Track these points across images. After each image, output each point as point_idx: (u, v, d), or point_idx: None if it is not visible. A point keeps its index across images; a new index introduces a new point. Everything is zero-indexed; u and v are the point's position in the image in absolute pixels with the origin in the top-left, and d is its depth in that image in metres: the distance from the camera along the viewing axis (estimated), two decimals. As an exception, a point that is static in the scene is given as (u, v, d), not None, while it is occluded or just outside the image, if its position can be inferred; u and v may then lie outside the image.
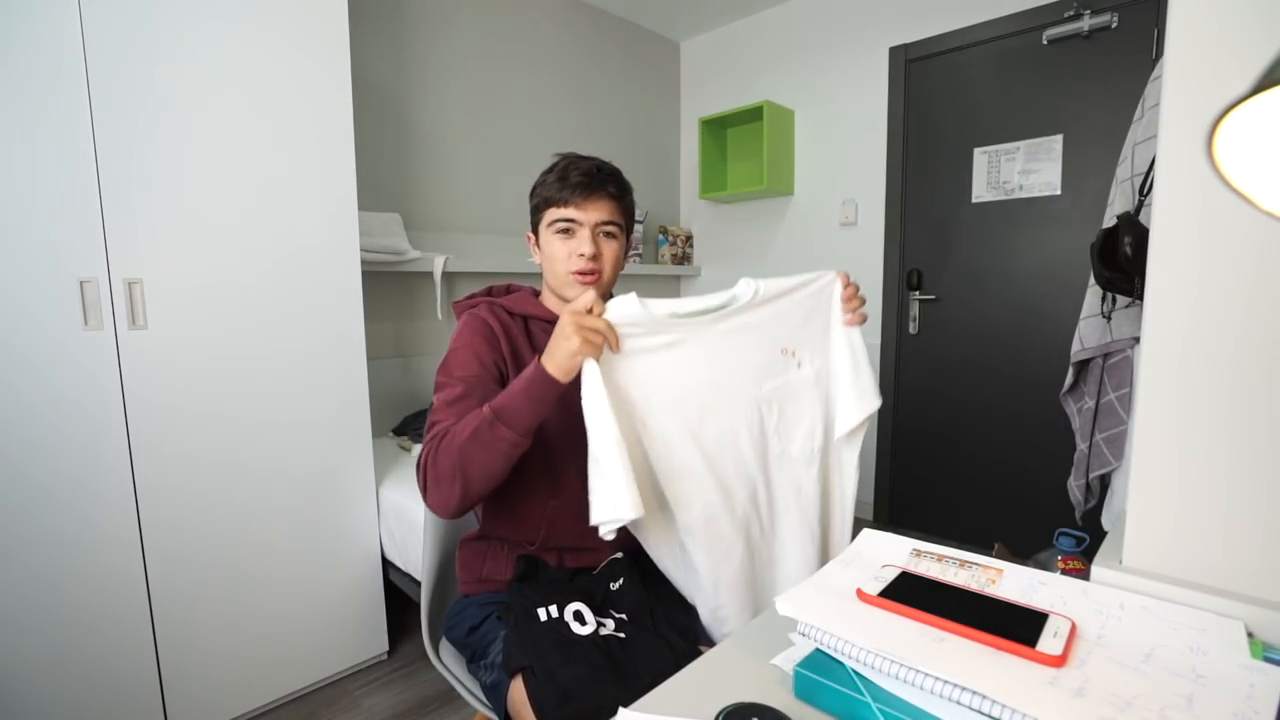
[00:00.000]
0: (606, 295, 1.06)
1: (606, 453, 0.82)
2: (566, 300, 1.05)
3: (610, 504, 0.82)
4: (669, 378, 0.91)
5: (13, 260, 1.20)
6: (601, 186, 1.02)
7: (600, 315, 0.85)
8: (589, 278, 1.02)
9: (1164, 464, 0.61)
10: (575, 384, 0.86)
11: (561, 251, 1.03)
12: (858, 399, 0.99)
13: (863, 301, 1.00)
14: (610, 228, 1.04)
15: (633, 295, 0.87)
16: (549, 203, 1.03)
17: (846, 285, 1.00)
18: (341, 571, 1.70)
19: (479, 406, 0.91)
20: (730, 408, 0.94)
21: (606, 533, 0.84)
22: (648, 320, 0.88)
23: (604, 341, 0.85)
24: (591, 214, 1.01)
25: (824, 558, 1.04)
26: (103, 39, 1.26)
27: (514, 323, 1.07)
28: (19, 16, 1.18)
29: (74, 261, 1.27)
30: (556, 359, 0.84)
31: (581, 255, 1.01)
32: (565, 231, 1.02)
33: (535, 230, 1.08)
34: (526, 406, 0.87)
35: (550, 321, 1.06)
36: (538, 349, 1.04)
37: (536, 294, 1.13)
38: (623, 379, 0.88)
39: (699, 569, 0.94)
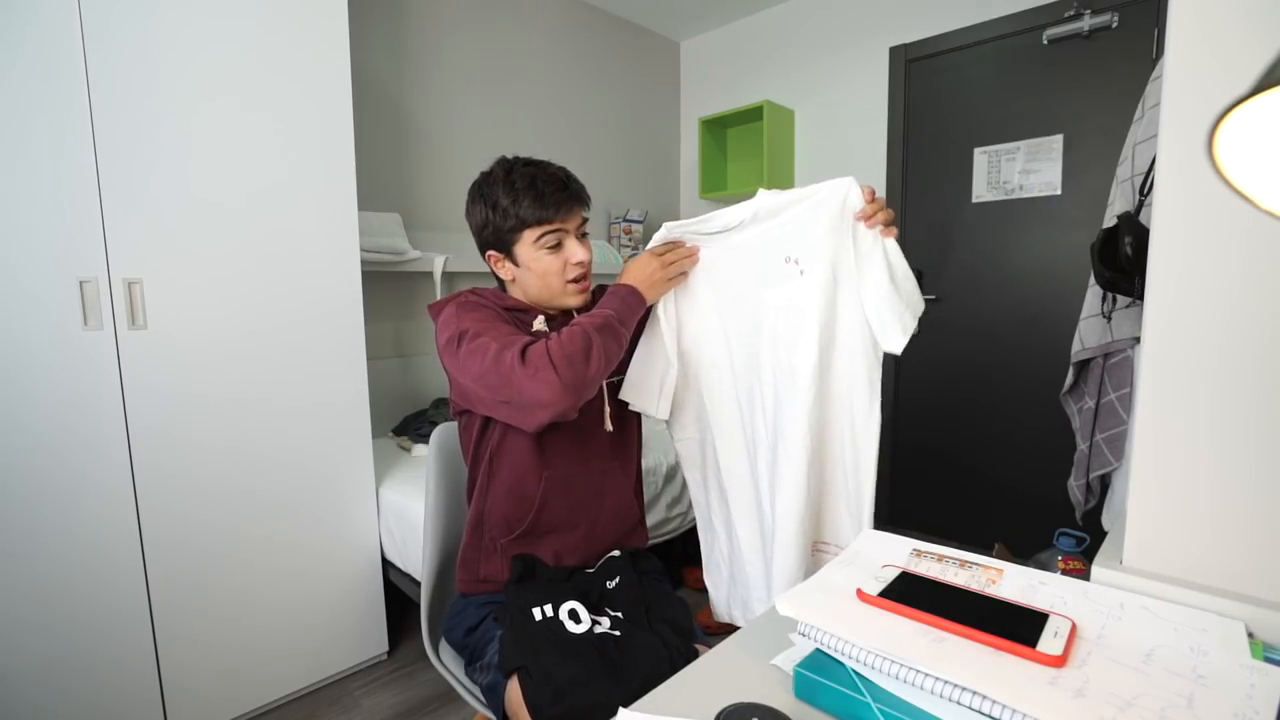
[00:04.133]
0: (592, 288, 1.11)
1: (661, 356, 1.06)
2: (562, 308, 1.08)
3: (643, 396, 1.08)
4: (702, 288, 1.06)
5: (13, 260, 1.20)
6: (577, 196, 1.04)
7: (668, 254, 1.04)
8: (585, 283, 1.07)
9: (1164, 464, 0.61)
10: None
11: (554, 265, 1.03)
12: (898, 317, 0.94)
13: (887, 210, 0.93)
14: (585, 228, 1.07)
15: (665, 227, 1.04)
16: (525, 223, 1.01)
17: (870, 196, 0.92)
18: (341, 571, 1.70)
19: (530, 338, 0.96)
20: (747, 313, 1.03)
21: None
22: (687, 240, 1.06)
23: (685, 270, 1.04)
24: (572, 222, 1.04)
25: (819, 489, 1.01)
26: (103, 39, 1.26)
27: (498, 309, 1.07)
28: (19, 17, 1.18)
29: (74, 261, 1.27)
30: (651, 287, 1.02)
31: (579, 263, 1.04)
32: (555, 246, 1.03)
33: (505, 250, 1.05)
34: (630, 318, 1.00)
35: (525, 311, 1.07)
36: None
37: (503, 289, 1.13)
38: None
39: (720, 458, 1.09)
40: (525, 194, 1.00)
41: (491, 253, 1.07)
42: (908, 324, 0.94)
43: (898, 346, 0.94)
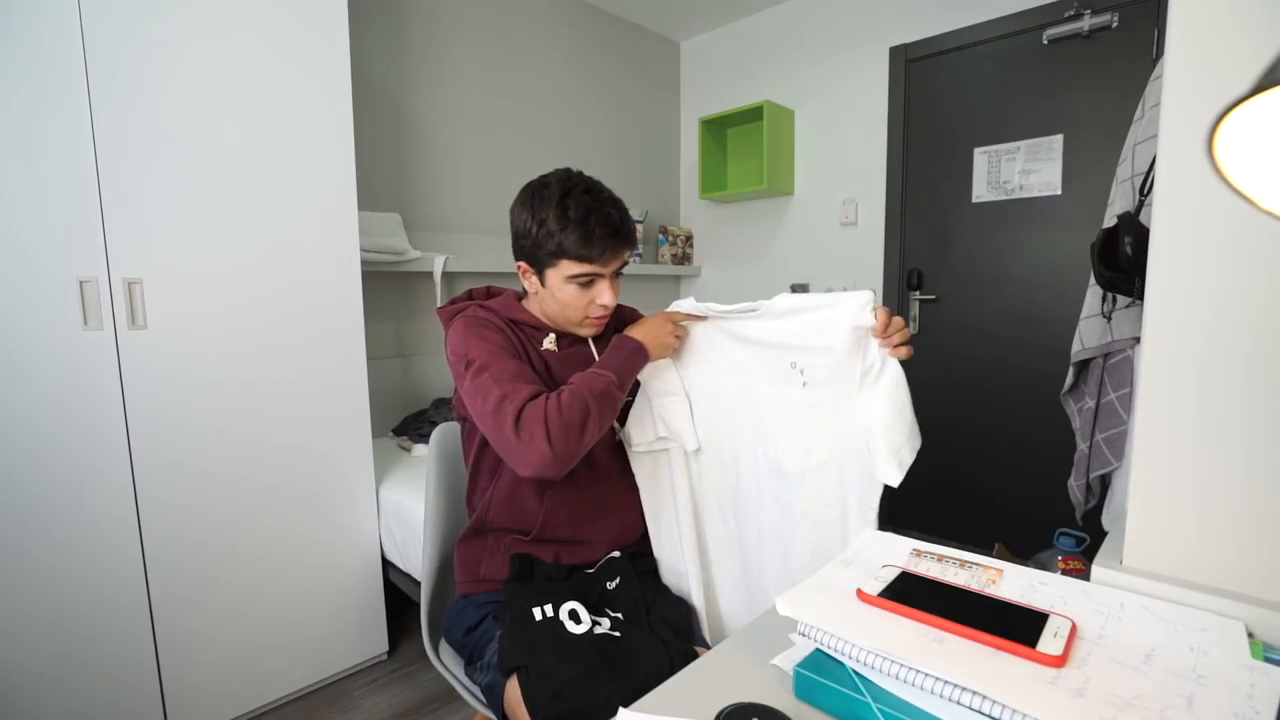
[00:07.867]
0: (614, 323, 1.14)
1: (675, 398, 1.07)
2: (572, 333, 1.09)
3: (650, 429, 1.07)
4: (704, 360, 1.07)
5: (13, 260, 1.20)
6: (626, 241, 1.02)
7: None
8: (603, 319, 1.07)
9: (1164, 464, 0.61)
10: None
11: (579, 300, 1.02)
12: (895, 450, 0.92)
13: (903, 330, 0.91)
14: (622, 269, 1.06)
15: (691, 300, 1.05)
16: (565, 254, 0.98)
17: (885, 318, 0.90)
18: (341, 571, 1.70)
19: (535, 377, 0.96)
20: (736, 398, 1.05)
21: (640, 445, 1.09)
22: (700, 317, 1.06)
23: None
24: (612, 265, 1.03)
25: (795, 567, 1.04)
26: (103, 38, 1.26)
27: (506, 326, 1.06)
28: (19, 16, 1.18)
29: (74, 261, 1.27)
30: (658, 346, 1.02)
31: (604, 305, 1.04)
32: (587, 284, 1.02)
33: (537, 266, 1.03)
34: (629, 376, 1.00)
35: (537, 328, 1.07)
36: (530, 350, 1.05)
37: (519, 297, 1.13)
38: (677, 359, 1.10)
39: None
40: (575, 228, 0.96)
41: (522, 264, 1.05)
42: (904, 458, 0.92)
43: (893, 479, 0.92)
